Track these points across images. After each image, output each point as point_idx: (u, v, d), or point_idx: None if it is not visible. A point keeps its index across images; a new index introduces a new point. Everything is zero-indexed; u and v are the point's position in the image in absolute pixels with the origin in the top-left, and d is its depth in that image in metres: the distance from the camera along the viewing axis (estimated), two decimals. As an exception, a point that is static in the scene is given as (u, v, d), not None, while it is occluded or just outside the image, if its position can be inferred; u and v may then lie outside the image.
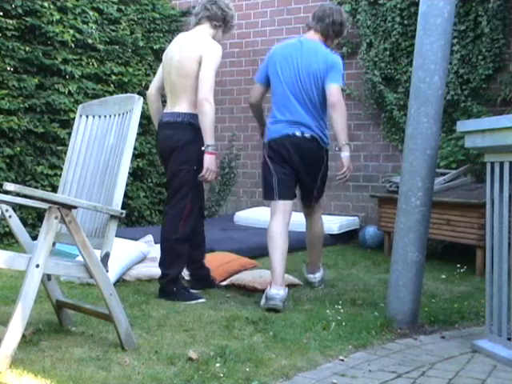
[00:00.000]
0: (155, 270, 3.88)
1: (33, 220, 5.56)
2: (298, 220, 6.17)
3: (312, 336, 2.85)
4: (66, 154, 3.12)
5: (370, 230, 5.96)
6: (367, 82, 6.26)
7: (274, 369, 2.41)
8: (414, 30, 3.26)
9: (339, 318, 3.13)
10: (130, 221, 6.72)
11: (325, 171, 3.89)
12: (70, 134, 3.56)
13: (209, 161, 3.56)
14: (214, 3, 3.81)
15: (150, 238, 4.73)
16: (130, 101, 2.78)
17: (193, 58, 3.62)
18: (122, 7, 6.64)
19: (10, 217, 2.80)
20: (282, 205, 3.69)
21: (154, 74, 6.90)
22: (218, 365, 2.42)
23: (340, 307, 3.38)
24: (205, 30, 3.79)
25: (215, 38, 3.79)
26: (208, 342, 2.75)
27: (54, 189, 5.43)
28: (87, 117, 3.02)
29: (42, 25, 5.66)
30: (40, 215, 5.44)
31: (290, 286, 4.07)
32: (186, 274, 3.94)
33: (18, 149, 5.54)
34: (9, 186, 2.22)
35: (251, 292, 3.76)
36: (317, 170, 3.82)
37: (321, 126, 3.81)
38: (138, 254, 4.22)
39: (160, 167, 7.25)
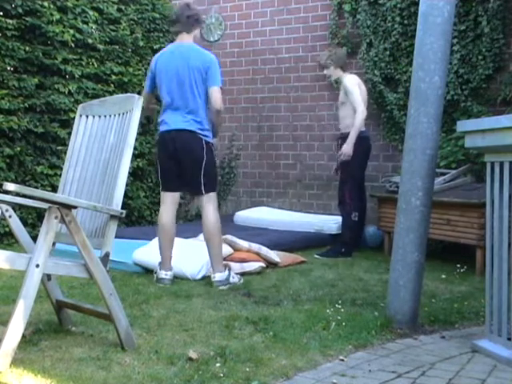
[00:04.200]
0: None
1: (33, 220, 5.56)
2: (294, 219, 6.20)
3: (312, 336, 2.85)
4: (65, 153, 3.12)
5: (370, 230, 5.96)
6: (367, 82, 6.26)
7: (274, 369, 2.41)
8: (414, 30, 3.26)
9: (339, 317, 3.13)
10: (130, 221, 6.72)
11: (207, 162, 4.07)
12: (69, 133, 3.55)
13: None
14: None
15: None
16: (129, 101, 2.78)
17: None
18: (122, 7, 6.64)
19: (10, 217, 2.80)
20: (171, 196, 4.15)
21: (154, 73, 7.00)
22: (218, 365, 2.42)
23: (340, 307, 3.38)
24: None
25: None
26: (208, 341, 2.75)
27: (54, 189, 5.43)
28: (87, 117, 3.02)
29: (42, 25, 5.66)
30: (40, 215, 5.44)
31: (270, 263, 4.65)
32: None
33: (18, 149, 5.54)
34: (9, 186, 2.22)
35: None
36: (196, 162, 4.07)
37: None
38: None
39: (160, 167, 7.24)
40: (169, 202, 4.15)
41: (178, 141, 4.06)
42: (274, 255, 4.76)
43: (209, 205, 4.08)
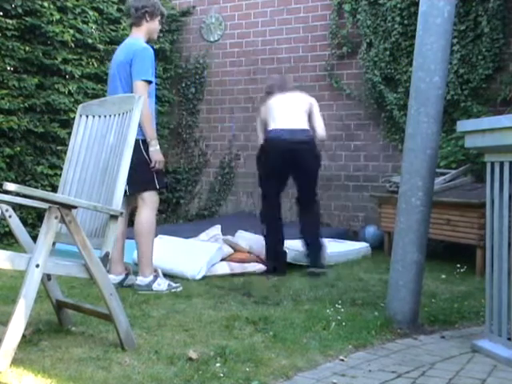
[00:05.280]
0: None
1: (33, 220, 5.56)
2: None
3: (312, 336, 2.85)
4: (66, 153, 3.12)
5: (371, 230, 5.96)
6: (367, 82, 6.26)
7: (274, 369, 2.41)
8: (414, 30, 3.26)
9: (339, 317, 3.13)
10: (130, 221, 6.70)
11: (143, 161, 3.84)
12: (69, 133, 3.55)
13: None
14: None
15: (217, 231, 4.93)
16: (129, 101, 2.78)
17: None
18: (122, 7, 6.64)
19: (10, 217, 2.80)
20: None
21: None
22: (218, 365, 2.42)
23: (340, 307, 3.38)
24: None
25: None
26: (208, 341, 2.75)
27: (54, 189, 5.43)
28: (87, 117, 3.02)
29: (42, 25, 5.66)
30: (40, 215, 5.44)
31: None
32: None
33: (18, 149, 5.54)
34: (9, 186, 2.22)
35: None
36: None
37: None
38: (218, 251, 4.43)
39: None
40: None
41: None
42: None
43: (142, 205, 4.00)
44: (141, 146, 3.84)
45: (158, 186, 3.95)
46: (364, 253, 5.47)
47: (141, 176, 3.77)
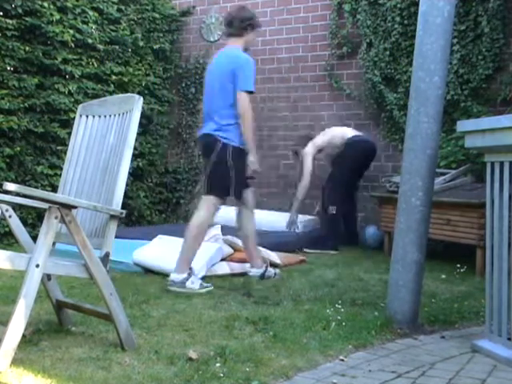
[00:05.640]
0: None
1: (33, 220, 5.56)
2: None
3: (312, 336, 2.85)
4: (66, 153, 3.12)
5: (371, 230, 5.96)
6: (367, 82, 6.27)
7: (274, 369, 2.41)
8: (414, 30, 3.26)
9: (339, 317, 3.13)
10: (130, 221, 6.72)
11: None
12: (69, 133, 3.55)
13: None
14: None
15: (217, 231, 4.96)
16: (129, 101, 2.78)
17: None
18: (122, 7, 6.65)
19: (10, 217, 2.80)
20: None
21: (154, 73, 7.04)
22: (218, 365, 2.42)
23: (340, 307, 3.38)
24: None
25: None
26: (208, 341, 2.75)
27: (54, 189, 5.43)
28: (87, 117, 3.02)
29: (42, 25, 5.66)
30: (40, 215, 5.44)
31: (270, 265, 4.55)
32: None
33: (18, 149, 5.54)
34: (9, 186, 2.22)
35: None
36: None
37: None
38: (218, 251, 4.44)
39: (160, 167, 7.26)
40: (206, 203, 4.09)
41: (200, 144, 4.24)
42: (275, 257, 4.76)
43: (205, 204, 4.08)
44: (230, 151, 3.99)
45: (233, 194, 4.08)
46: None
47: (219, 180, 4.01)
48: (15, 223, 2.83)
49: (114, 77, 6.45)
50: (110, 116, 2.88)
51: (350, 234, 6.05)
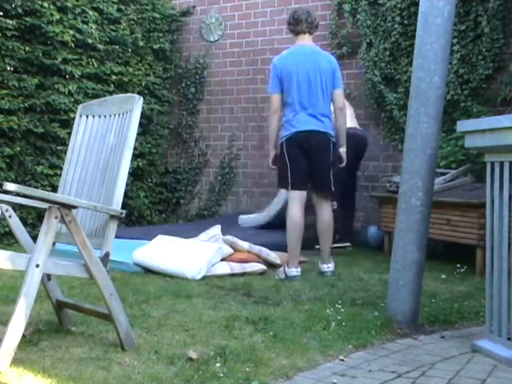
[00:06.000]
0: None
1: (33, 220, 5.56)
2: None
3: (312, 336, 2.85)
4: (66, 153, 3.12)
5: (371, 230, 5.96)
6: (367, 82, 6.27)
7: (274, 369, 2.41)
8: (414, 30, 3.26)
9: (339, 317, 3.13)
10: (130, 221, 6.72)
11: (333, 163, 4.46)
12: (69, 133, 3.55)
13: None
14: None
15: (217, 231, 4.97)
16: (129, 101, 2.78)
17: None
18: (122, 7, 6.65)
19: (10, 217, 2.80)
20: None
21: (154, 73, 7.04)
22: (218, 365, 2.42)
23: (340, 307, 3.38)
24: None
25: None
26: (208, 341, 2.74)
27: (54, 189, 5.43)
28: (87, 117, 3.02)
29: (42, 25, 5.66)
30: (40, 215, 5.44)
31: (270, 265, 4.69)
32: None
33: (18, 149, 5.54)
34: (9, 186, 2.22)
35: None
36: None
37: None
38: (218, 251, 4.45)
39: (160, 167, 7.27)
40: (297, 198, 4.35)
41: (312, 141, 4.33)
42: (275, 257, 4.76)
43: (327, 201, 4.42)
44: (334, 147, 4.43)
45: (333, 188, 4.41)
46: None
47: (335, 179, 4.40)
48: (15, 223, 2.83)
49: (113, 77, 6.45)
50: (110, 116, 2.88)
51: (344, 230, 5.91)
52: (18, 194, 2.49)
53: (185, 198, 7.47)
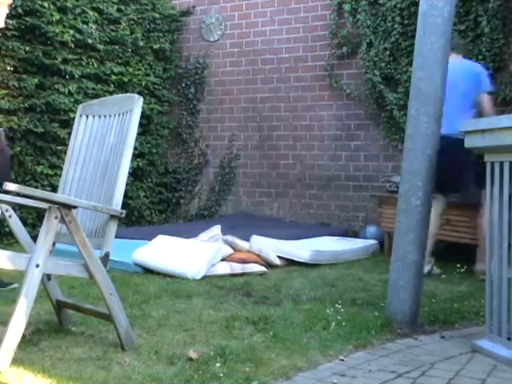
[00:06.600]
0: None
1: (33, 220, 5.56)
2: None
3: (312, 336, 2.85)
4: (66, 153, 3.12)
5: (371, 230, 5.96)
6: (367, 82, 6.26)
7: (274, 369, 2.41)
8: (414, 30, 3.26)
9: (339, 317, 3.13)
10: (130, 221, 6.72)
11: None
12: (69, 133, 3.55)
13: None
14: None
15: (217, 231, 4.96)
16: (130, 101, 2.78)
17: None
18: (122, 7, 6.64)
19: (10, 217, 2.80)
20: None
21: (154, 73, 7.04)
22: (218, 365, 2.42)
23: (340, 307, 3.38)
24: None
25: None
26: (208, 341, 2.74)
27: (54, 189, 5.43)
28: (87, 117, 3.02)
29: (42, 25, 5.66)
30: (40, 215, 5.44)
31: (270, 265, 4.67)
32: None
33: (18, 149, 5.54)
34: (9, 186, 2.22)
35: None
36: None
37: None
38: (218, 251, 4.44)
39: (160, 167, 7.27)
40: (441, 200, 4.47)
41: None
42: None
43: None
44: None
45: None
46: (373, 249, 5.51)
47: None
48: (15, 223, 2.83)
49: (113, 77, 6.45)
50: (110, 116, 2.88)
51: None
52: (18, 194, 2.49)
53: (185, 198, 7.46)
